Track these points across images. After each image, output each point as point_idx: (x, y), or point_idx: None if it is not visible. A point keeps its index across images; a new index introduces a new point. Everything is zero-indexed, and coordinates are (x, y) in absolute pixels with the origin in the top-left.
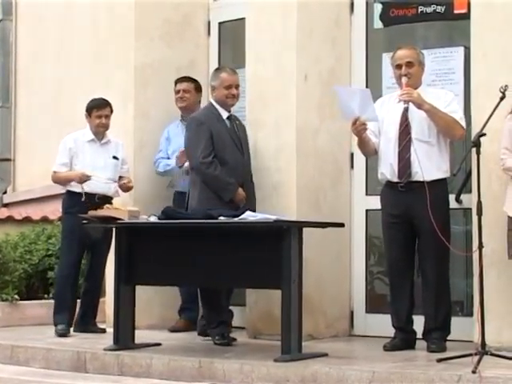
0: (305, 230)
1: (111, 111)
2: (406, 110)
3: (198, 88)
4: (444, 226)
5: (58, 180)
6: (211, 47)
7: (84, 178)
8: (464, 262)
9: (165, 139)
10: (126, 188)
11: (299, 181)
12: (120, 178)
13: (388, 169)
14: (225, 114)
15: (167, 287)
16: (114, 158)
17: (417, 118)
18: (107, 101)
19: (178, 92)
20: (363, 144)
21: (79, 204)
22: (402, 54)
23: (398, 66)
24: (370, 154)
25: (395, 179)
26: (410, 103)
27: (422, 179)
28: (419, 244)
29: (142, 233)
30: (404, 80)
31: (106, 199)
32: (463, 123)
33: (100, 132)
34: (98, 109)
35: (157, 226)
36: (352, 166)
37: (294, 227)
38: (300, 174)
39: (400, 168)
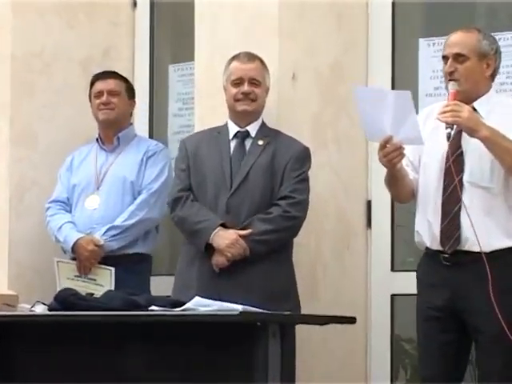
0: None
1: None
2: (451, 137)
3: (131, 90)
4: None
5: None
6: (138, 27)
7: None
8: None
9: (65, 171)
10: None
11: None
12: None
13: (425, 228)
14: (233, 130)
15: None
16: None
17: (474, 148)
18: None
19: (98, 95)
20: (396, 181)
21: None
22: (451, 41)
23: (445, 59)
24: (406, 198)
25: (435, 246)
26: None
27: (477, 249)
28: (477, 354)
29: (23, 331)
30: (450, 87)
31: None
32: None
33: None
34: None
35: (46, 321)
36: (369, 224)
37: (274, 324)
38: None
39: (443, 229)
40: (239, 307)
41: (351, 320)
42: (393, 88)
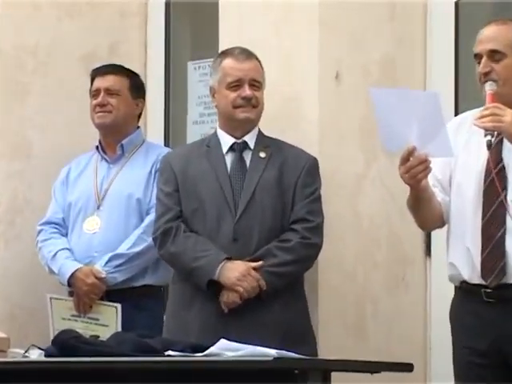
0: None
1: None
2: (491, 146)
3: (137, 87)
4: None
5: None
6: (151, 18)
7: None
8: None
9: (60, 185)
10: None
11: (326, 277)
12: None
13: (462, 259)
14: (228, 142)
15: None
16: None
17: None
18: None
19: (95, 94)
20: (421, 204)
21: None
22: (484, 35)
23: (477, 58)
24: (433, 224)
25: (476, 279)
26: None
27: None
28: None
29: (16, 381)
30: (488, 87)
31: None
32: None
33: None
34: None
35: (43, 369)
36: (428, 252)
37: (315, 371)
38: (328, 266)
39: (484, 258)
40: (273, 352)
41: (408, 367)
42: (456, 91)
